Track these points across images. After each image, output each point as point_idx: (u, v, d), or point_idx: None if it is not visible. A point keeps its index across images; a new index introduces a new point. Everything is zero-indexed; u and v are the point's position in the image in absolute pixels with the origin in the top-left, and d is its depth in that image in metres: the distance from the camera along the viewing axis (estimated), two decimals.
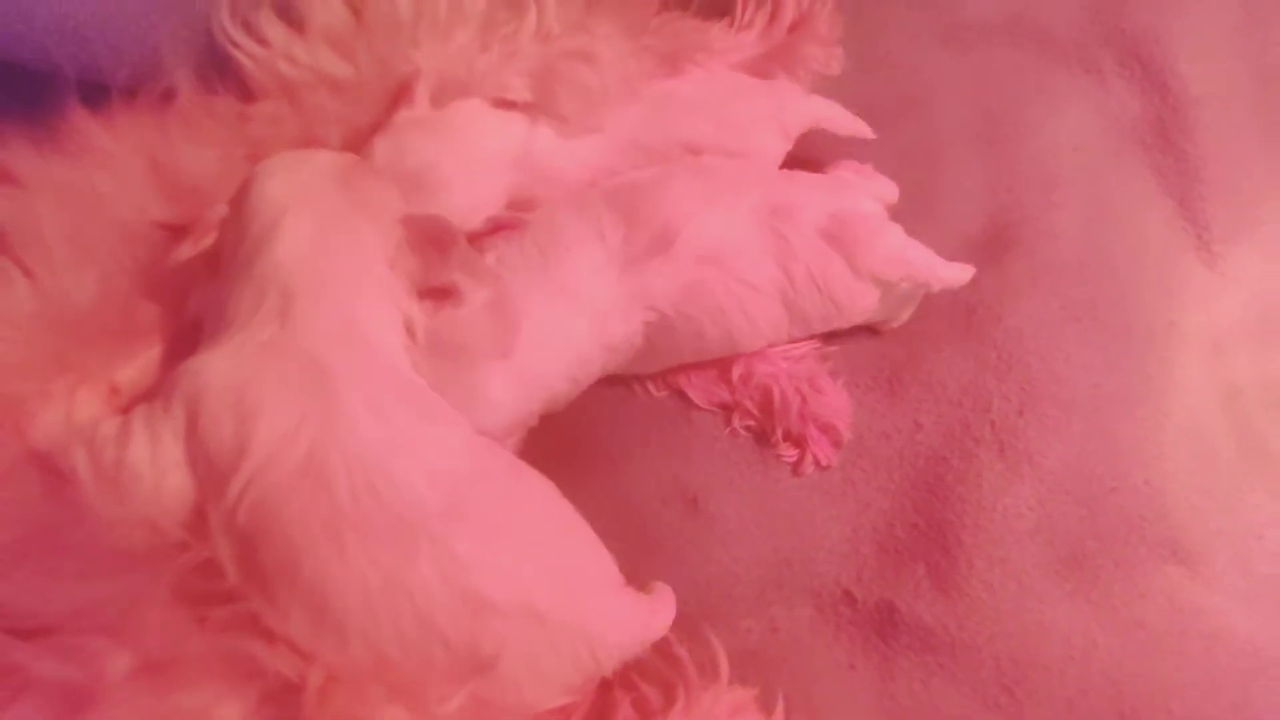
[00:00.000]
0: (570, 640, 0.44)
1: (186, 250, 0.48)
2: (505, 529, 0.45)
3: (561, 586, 0.45)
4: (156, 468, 0.41)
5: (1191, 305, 0.68)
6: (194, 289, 0.50)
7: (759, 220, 0.58)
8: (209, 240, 0.49)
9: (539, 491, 0.49)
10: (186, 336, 0.47)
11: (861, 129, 0.68)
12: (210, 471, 0.41)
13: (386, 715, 0.39)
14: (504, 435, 0.54)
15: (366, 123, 0.58)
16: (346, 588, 0.40)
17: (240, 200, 0.49)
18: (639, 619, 0.47)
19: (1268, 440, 0.63)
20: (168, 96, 0.53)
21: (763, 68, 0.69)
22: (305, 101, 0.55)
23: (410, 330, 0.50)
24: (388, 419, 0.44)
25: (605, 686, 0.47)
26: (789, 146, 0.67)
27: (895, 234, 0.61)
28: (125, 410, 0.44)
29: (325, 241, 0.47)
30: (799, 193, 0.60)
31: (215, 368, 0.43)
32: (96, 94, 0.52)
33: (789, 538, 0.59)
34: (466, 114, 0.60)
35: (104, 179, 0.50)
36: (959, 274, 0.62)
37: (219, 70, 0.55)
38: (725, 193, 0.59)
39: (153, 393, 0.44)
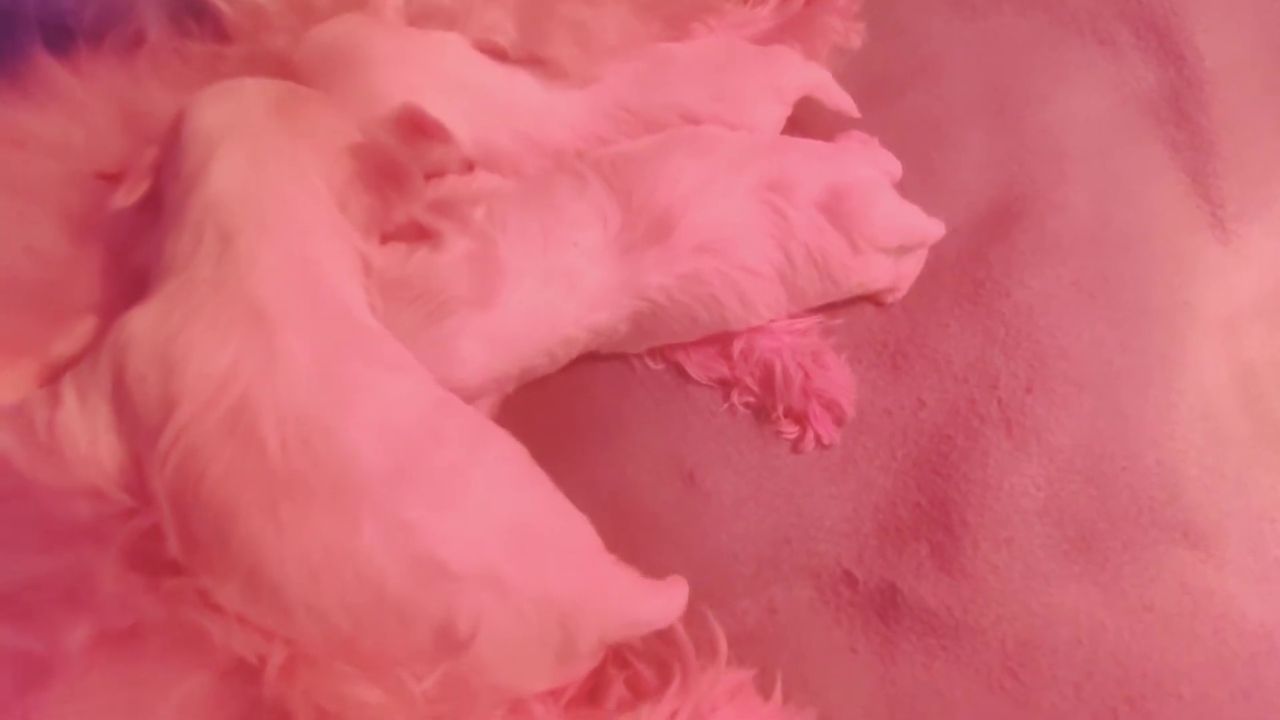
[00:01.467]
0: (536, 609, 0.41)
1: (120, 199, 0.45)
2: (463, 491, 0.41)
3: (527, 553, 0.42)
4: (88, 431, 0.38)
5: (1205, 283, 0.67)
6: (137, 242, 0.47)
7: (757, 198, 0.58)
8: (144, 186, 0.46)
9: (505, 453, 0.46)
10: (130, 298, 0.44)
11: (848, 107, 0.67)
12: (138, 431, 0.39)
13: (360, 693, 0.37)
14: (473, 395, 0.53)
15: None
16: (283, 559, 0.37)
17: (172, 138, 0.45)
18: (621, 592, 0.45)
19: None
20: (137, 39, 0.51)
21: (779, 39, 0.68)
22: (283, 41, 0.53)
23: (368, 272, 0.47)
24: (333, 368, 0.41)
25: (598, 665, 0.46)
26: (787, 112, 0.66)
27: (890, 199, 0.60)
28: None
29: (262, 175, 0.44)
30: (797, 166, 0.59)
31: (143, 319, 0.40)
32: (61, 37, 0.50)
33: (788, 516, 0.58)
34: (439, 38, 0.58)
35: (74, 129, 0.48)
36: (938, 227, 0.63)
37: (192, 10, 0.53)
38: (722, 171, 0.58)
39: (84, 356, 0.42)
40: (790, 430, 0.60)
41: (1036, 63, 0.74)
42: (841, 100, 0.67)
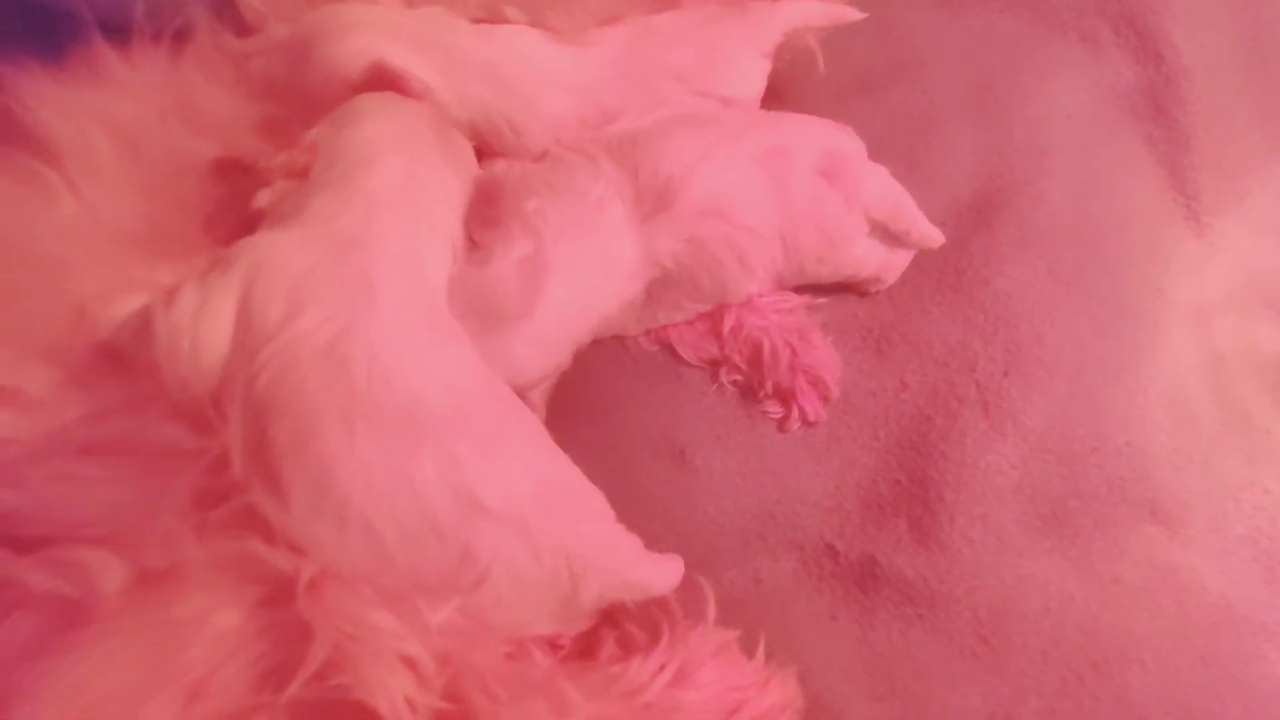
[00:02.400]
0: (553, 556, 0.46)
1: (280, 165, 0.53)
2: (503, 446, 0.48)
3: (550, 505, 0.47)
4: (203, 321, 0.44)
5: (1178, 274, 0.70)
6: (264, 188, 0.53)
7: (756, 163, 0.61)
8: (301, 159, 0.53)
9: (537, 427, 0.52)
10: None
11: (846, 13, 0.70)
12: (246, 339, 0.44)
13: (375, 618, 0.41)
14: (531, 387, 0.57)
15: None
16: (352, 471, 0.43)
17: (337, 129, 0.54)
18: (627, 556, 0.49)
19: (1247, 407, 0.66)
20: (184, 34, 0.55)
21: None
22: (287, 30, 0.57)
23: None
24: (413, 332, 0.48)
25: (591, 625, 0.49)
26: (768, 65, 0.69)
27: (882, 173, 0.65)
28: None
29: (412, 183, 0.53)
30: (793, 133, 0.64)
31: (280, 249, 0.47)
32: (115, 34, 0.54)
33: (774, 491, 0.62)
34: (421, 12, 0.62)
35: (137, 111, 0.52)
36: (935, 234, 0.66)
37: (229, 3, 0.56)
38: (722, 141, 0.61)
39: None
40: (776, 410, 0.64)
41: (1019, 59, 0.78)
42: (834, 12, 0.70)
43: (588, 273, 0.58)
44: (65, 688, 0.37)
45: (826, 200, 0.62)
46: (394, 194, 0.52)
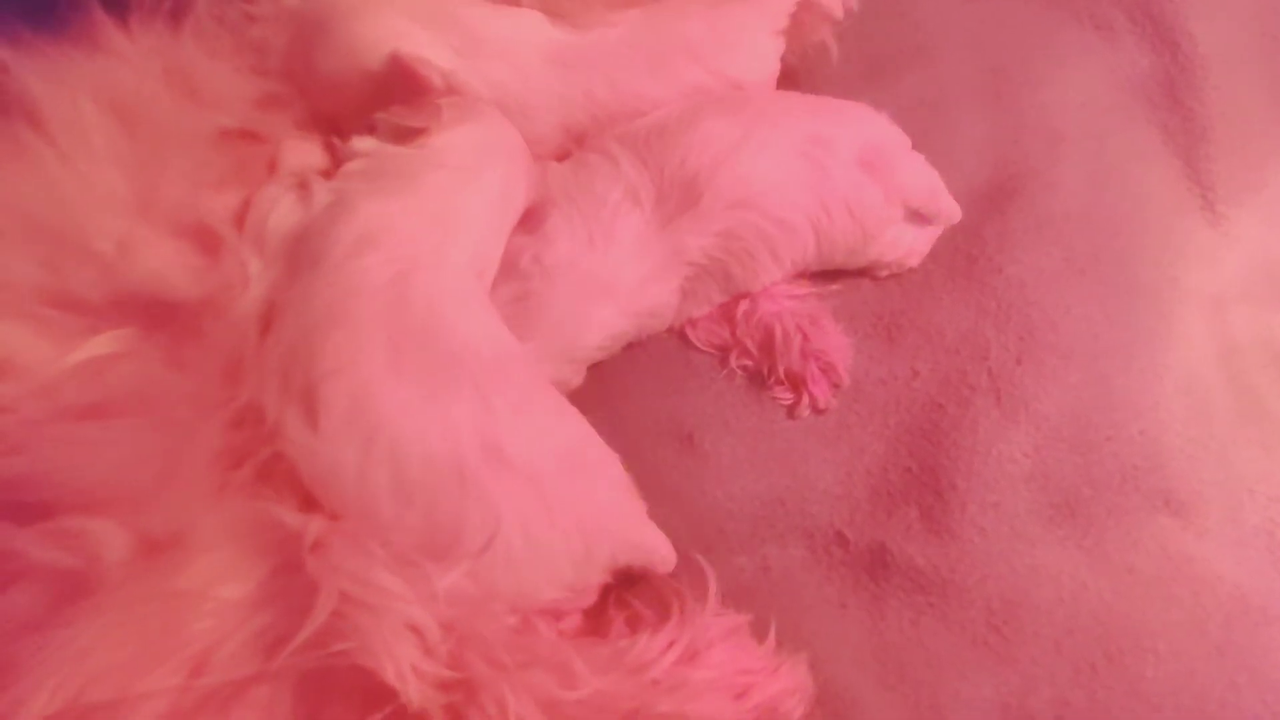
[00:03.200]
0: (566, 516, 0.47)
1: (391, 123, 0.57)
2: (533, 406, 0.50)
3: (569, 470, 0.49)
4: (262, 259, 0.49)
5: (1193, 263, 0.70)
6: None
7: (797, 152, 0.62)
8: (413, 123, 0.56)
9: (560, 397, 0.55)
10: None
11: (834, 6, 0.70)
12: (307, 260, 0.48)
13: (382, 579, 0.41)
14: None
15: None
16: (391, 396, 0.45)
17: (463, 117, 0.58)
18: (637, 525, 0.51)
19: (1263, 396, 0.66)
20: (183, 5, 0.56)
21: None
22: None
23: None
24: (468, 289, 0.52)
25: (600, 606, 0.49)
26: (782, 44, 0.69)
27: (920, 160, 0.66)
28: None
29: (505, 198, 0.58)
30: (834, 122, 0.64)
31: (375, 204, 0.51)
32: (114, 7, 0.55)
33: (783, 478, 0.62)
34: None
35: (132, 80, 0.52)
36: (956, 210, 0.67)
37: None
38: (758, 127, 0.62)
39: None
40: (786, 396, 0.64)
41: (1033, 46, 0.78)
42: (830, 3, 0.70)
43: (584, 297, 0.59)
44: (65, 659, 0.36)
45: (866, 192, 0.62)
46: (490, 202, 0.56)
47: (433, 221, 0.53)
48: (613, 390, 0.63)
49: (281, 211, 0.52)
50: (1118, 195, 0.72)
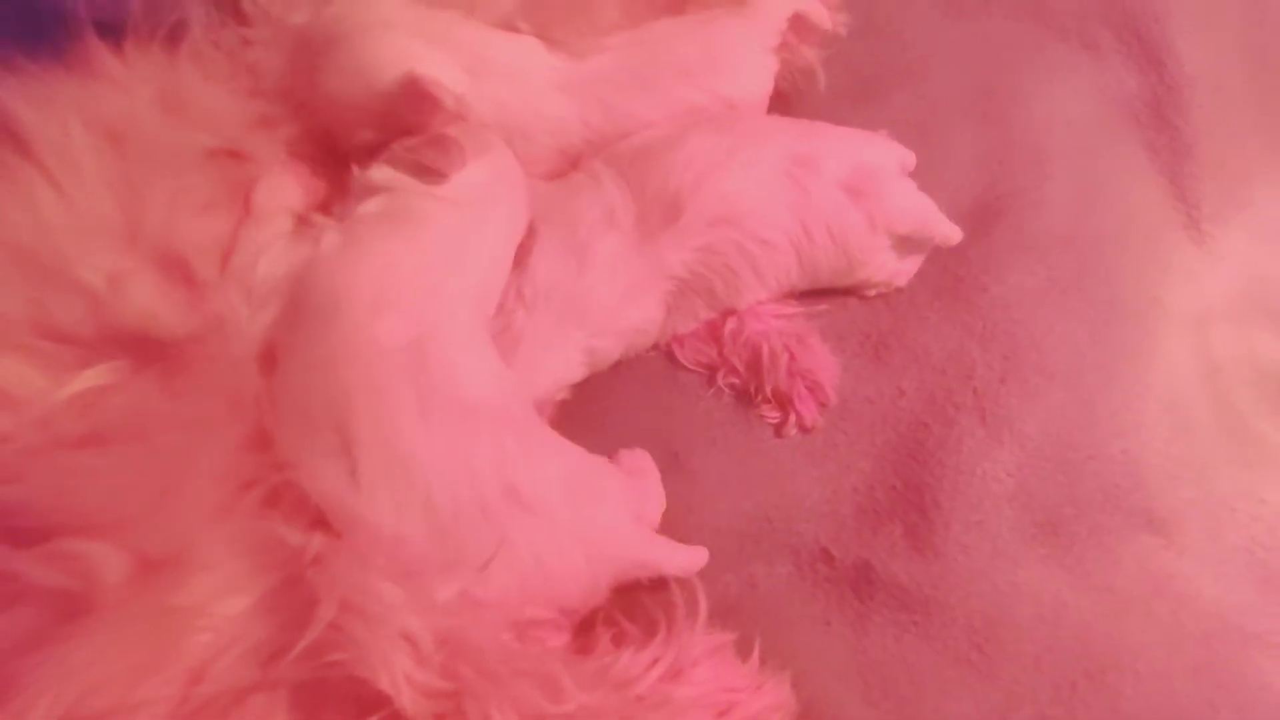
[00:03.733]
0: (575, 551, 0.50)
1: (406, 154, 0.58)
2: (537, 443, 0.54)
3: (574, 500, 0.52)
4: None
5: (1177, 282, 0.71)
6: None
7: (780, 171, 0.62)
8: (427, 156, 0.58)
9: (550, 431, 0.58)
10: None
11: (823, 19, 0.71)
12: (322, 318, 0.51)
13: (384, 590, 0.42)
14: None
15: None
16: (424, 445, 0.49)
17: (473, 149, 0.59)
18: (641, 545, 0.53)
19: (1244, 416, 0.67)
20: (180, 32, 0.57)
21: None
22: (303, 18, 0.58)
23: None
24: (475, 346, 0.55)
25: (587, 622, 0.50)
26: (776, 63, 0.70)
27: (909, 188, 0.66)
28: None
29: (509, 235, 0.61)
30: (822, 143, 0.64)
31: (385, 252, 0.54)
32: (110, 33, 0.55)
33: (770, 496, 0.63)
34: (441, 13, 0.64)
35: (125, 105, 0.53)
36: (955, 232, 0.67)
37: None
38: (744, 146, 0.62)
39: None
40: (774, 415, 0.65)
41: (1021, 65, 0.79)
42: (820, 16, 0.71)
43: (568, 328, 0.60)
44: (63, 673, 0.38)
45: (849, 219, 0.63)
46: (495, 240, 0.59)
47: (445, 268, 0.56)
48: (600, 409, 0.64)
49: (273, 257, 0.54)
50: (1103, 214, 0.73)
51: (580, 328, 0.61)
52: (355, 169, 0.59)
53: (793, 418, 0.64)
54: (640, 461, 0.61)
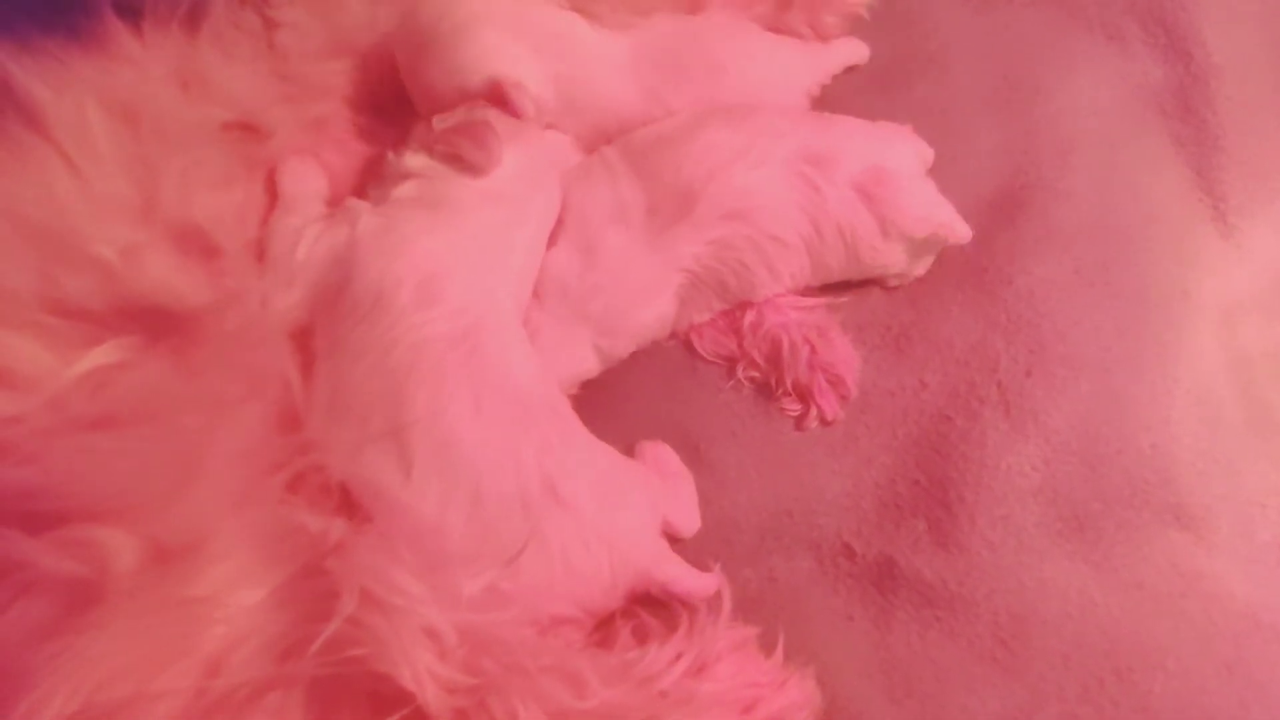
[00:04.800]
0: (600, 553, 0.50)
1: (443, 136, 0.58)
2: (575, 441, 0.54)
3: (605, 505, 0.52)
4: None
5: (1204, 274, 0.70)
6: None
7: (793, 170, 0.62)
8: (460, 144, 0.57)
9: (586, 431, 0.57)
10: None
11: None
12: (365, 308, 0.51)
13: (405, 581, 0.42)
14: None
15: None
16: (475, 438, 0.49)
17: (507, 137, 0.58)
18: (659, 561, 0.53)
19: (1274, 409, 0.66)
20: (200, 9, 0.56)
21: (788, 10, 0.73)
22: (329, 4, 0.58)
23: None
24: (519, 338, 0.55)
25: (607, 616, 0.50)
26: (808, 104, 0.70)
27: (927, 190, 0.65)
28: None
29: (545, 221, 0.60)
30: (839, 141, 0.63)
31: (427, 242, 0.54)
32: (127, 11, 0.55)
33: (790, 489, 0.62)
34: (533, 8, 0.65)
35: (141, 84, 0.53)
36: (966, 232, 0.66)
37: None
38: (758, 141, 0.62)
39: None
40: (794, 407, 0.64)
41: (1045, 55, 0.78)
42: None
43: (580, 329, 0.60)
44: (79, 665, 0.37)
45: (860, 221, 0.62)
46: (532, 231, 0.59)
47: (487, 262, 0.56)
48: (619, 398, 0.64)
49: (310, 241, 0.53)
50: (1129, 206, 0.72)
51: (589, 326, 0.60)
52: (390, 154, 0.59)
53: (814, 410, 0.63)
54: (668, 462, 0.60)
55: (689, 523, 0.59)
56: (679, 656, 0.46)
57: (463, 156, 0.57)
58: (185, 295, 0.47)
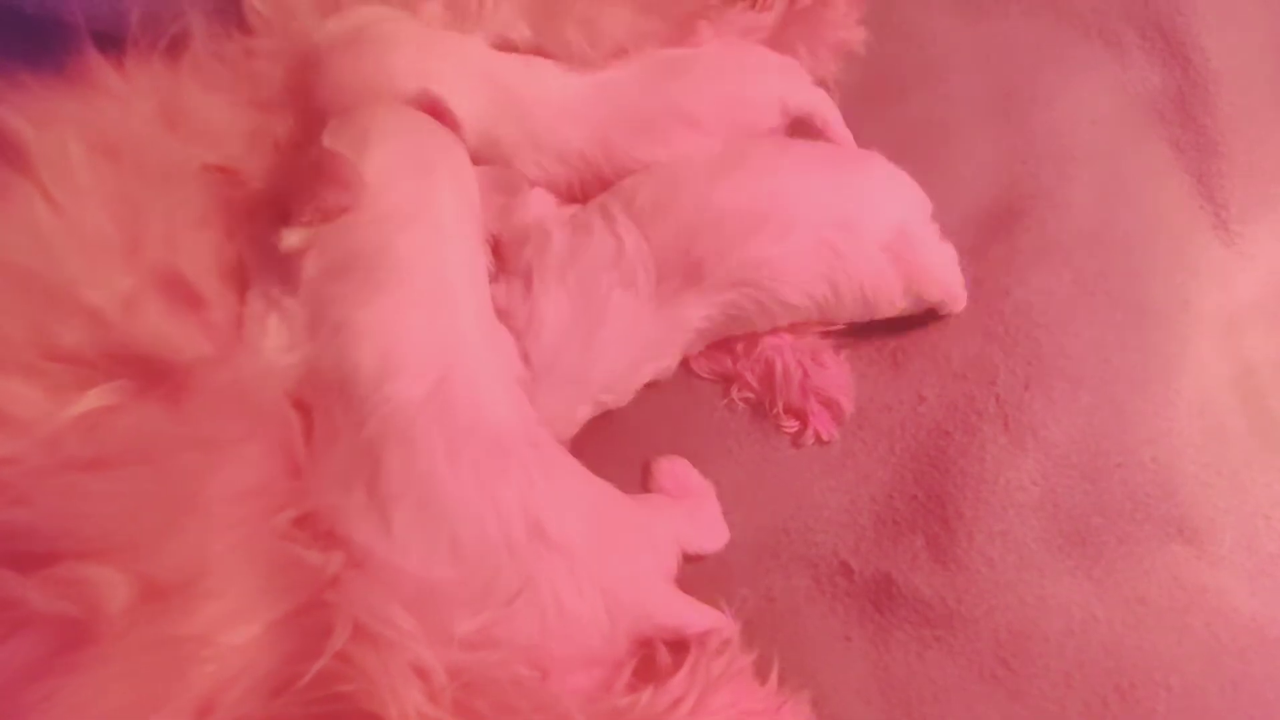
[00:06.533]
0: (594, 596, 0.49)
1: (313, 210, 0.53)
2: (563, 475, 0.53)
3: (597, 544, 0.50)
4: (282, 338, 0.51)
5: (1206, 283, 0.69)
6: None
7: (818, 238, 0.61)
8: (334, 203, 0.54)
9: (576, 463, 0.56)
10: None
11: (846, 139, 0.70)
12: (336, 388, 0.50)
13: (398, 617, 0.42)
14: None
15: None
16: (453, 489, 0.48)
17: (371, 150, 0.55)
18: (663, 601, 0.52)
19: (1278, 420, 0.65)
20: (181, 42, 0.56)
21: (783, 41, 0.72)
22: (302, 33, 0.58)
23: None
24: (492, 374, 0.53)
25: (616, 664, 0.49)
26: (783, 126, 0.69)
27: (947, 255, 0.65)
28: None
29: (464, 198, 0.57)
30: (860, 198, 0.63)
31: (373, 313, 0.51)
32: (110, 45, 0.55)
33: (786, 507, 0.62)
34: (458, 36, 0.63)
35: (122, 118, 0.53)
36: (963, 300, 0.66)
37: (224, 8, 0.57)
38: (776, 211, 0.60)
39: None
40: (790, 425, 0.64)
41: (1042, 64, 0.77)
42: (840, 132, 0.70)
43: (575, 396, 0.59)
44: (70, 707, 0.37)
45: (885, 279, 0.62)
46: (459, 236, 0.56)
47: (433, 305, 0.53)
48: (614, 419, 0.63)
49: (273, 333, 0.52)
50: (1128, 214, 0.72)
51: (588, 388, 0.60)
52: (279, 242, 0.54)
53: (810, 429, 0.63)
54: (686, 477, 0.60)
55: (713, 539, 0.58)
56: (678, 701, 0.46)
57: (328, 201, 0.52)
58: (180, 347, 0.47)
